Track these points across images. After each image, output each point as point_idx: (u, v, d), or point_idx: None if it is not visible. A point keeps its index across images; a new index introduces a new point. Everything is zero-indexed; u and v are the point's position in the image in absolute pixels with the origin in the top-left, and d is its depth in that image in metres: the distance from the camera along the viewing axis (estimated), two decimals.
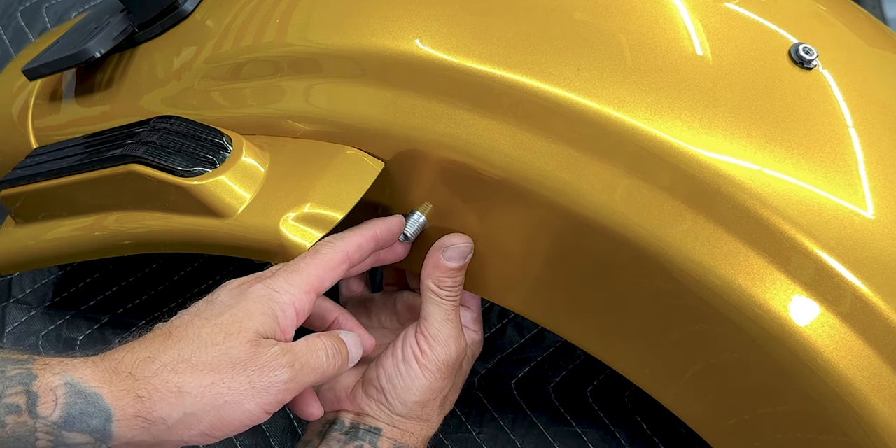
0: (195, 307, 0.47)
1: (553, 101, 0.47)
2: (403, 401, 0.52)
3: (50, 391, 0.41)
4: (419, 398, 0.53)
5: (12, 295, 0.70)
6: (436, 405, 0.54)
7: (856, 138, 0.48)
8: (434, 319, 0.53)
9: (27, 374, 0.42)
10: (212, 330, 0.45)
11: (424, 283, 0.53)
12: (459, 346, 0.53)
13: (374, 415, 0.53)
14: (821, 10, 0.53)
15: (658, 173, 0.47)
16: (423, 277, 0.53)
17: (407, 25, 0.49)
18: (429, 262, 0.53)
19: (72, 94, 0.63)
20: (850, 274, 0.46)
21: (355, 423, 0.53)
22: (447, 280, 0.53)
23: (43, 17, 0.85)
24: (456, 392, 0.57)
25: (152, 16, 0.58)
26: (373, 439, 0.53)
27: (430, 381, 0.52)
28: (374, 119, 0.50)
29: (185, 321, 0.46)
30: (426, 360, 0.52)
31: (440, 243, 0.53)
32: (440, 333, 0.53)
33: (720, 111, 0.47)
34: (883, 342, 0.46)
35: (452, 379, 0.54)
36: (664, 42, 0.48)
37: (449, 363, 0.53)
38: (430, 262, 0.53)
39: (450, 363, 0.53)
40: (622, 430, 0.65)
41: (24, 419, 0.41)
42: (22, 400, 0.41)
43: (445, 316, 0.53)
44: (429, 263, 0.53)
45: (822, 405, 0.47)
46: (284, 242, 0.48)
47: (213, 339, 0.44)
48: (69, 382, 0.42)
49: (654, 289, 0.49)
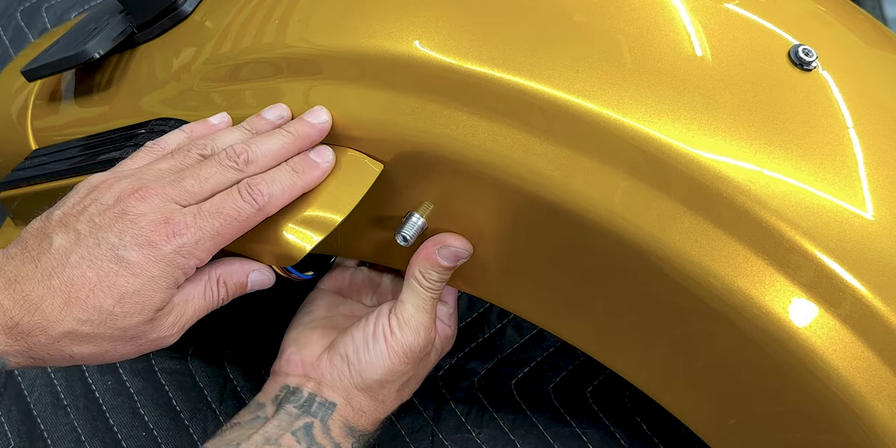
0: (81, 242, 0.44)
1: (552, 102, 0.47)
2: (364, 375, 0.54)
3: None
4: (379, 376, 0.54)
5: None
6: (394, 388, 0.55)
7: (855, 140, 0.48)
8: (410, 305, 0.54)
9: None
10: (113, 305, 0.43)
11: (411, 268, 0.53)
12: (429, 337, 0.54)
13: (332, 386, 0.54)
14: (820, 11, 0.53)
15: (657, 175, 0.47)
16: (411, 263, 0.54)
17: (406, 27, 0.49)
18: (422, 252, 0.53)
19: (71, 95, 0.63)
20: (850, 276, 0.46)
21: (313, 394, 0.54)
22: (433, 274, 0.53)
23: (43, 17, 0.85)
24: (417, 382, 0.57)
25: (151, 17, 0.58)
26: (325, 416, 0.53)
27: (394, 363, 0.53)
28: (374, 121, 0.50)
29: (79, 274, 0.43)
30: (394, 341, 0.53)
31: (440, 239, 0.53)
32: (412, 320, 0.53)
33: (719, 113, 0.47)
34: (882, 344, 0.46)
35: (415, 366, 0.55)
36: (663, 43, 0.48)
37: (416, 350, 0.54)
38: (423, 251, 0.53)
39: (416, 350, 0.54)
40: (622, 431, 0.65)
41: None
42: None
43: (422, 304, 0.54)
44: (422, 253, 0.53)
45: (822, 406, 0.47)
46: (284, 245, 0.48)
47: (113, 316, 0.44)
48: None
49: (653, 290, 0.49)
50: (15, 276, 0.44)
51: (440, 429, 0.65)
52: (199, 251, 0.45)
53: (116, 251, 0.43)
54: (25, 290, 0.43)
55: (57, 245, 0.44)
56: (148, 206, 0.44)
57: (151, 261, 0.44)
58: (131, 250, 0.43)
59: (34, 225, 0.46)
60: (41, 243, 0.44)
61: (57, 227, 0.45)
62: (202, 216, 0.45)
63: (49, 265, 0.44)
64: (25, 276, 0.44)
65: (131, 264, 0.43)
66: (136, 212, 0.44)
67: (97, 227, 0.44)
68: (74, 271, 0.43)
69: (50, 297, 0.43)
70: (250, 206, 0.46)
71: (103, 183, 0.46)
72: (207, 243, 0.45)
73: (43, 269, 0.44)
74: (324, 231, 0.49)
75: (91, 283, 0.43)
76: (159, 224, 0.44)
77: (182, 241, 0.44)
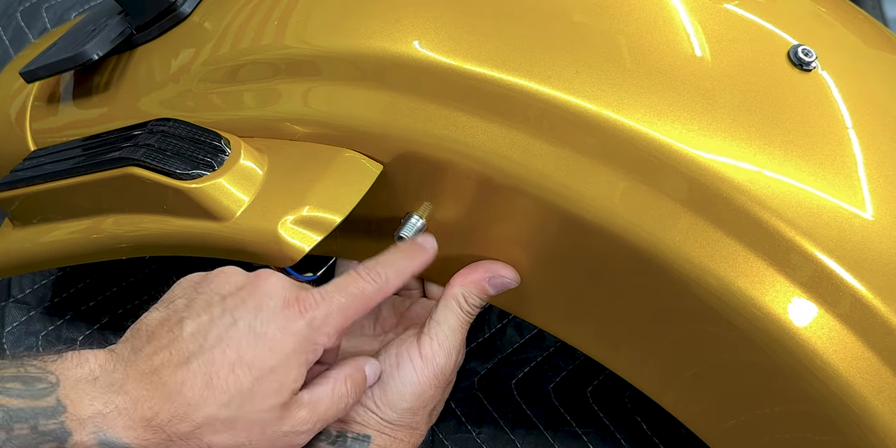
0: (216, 322, 0.45)
1: (551, 103, 0.47)
2: (394, 407, 0.52)
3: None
4: (410, 405, 0.52)
5: (12, 295, 0.70)
6: (425, 414, 0.53)
7: (855, 140, 0.48)
8: (447, 326, 0.53)
9: (61, 430, 0.42)
10: (252, 385, 0.44)
11: (452, 290, 0.53)
12: (459, 360, 0.53)
13: (362, 422, 0.52)
14: (820, 12, 0.53)
15: (657, 175, 0.47)
16: (453, 284, 0.53)
17: (405, 28, 0.49)
18: (469, 276, 0.53)
19: (70, 96, 0.63)
20: (850, 275, 0.46)
21: (342, 431, 0.52)
22: (476, 299, 0.53)
23: (43, 17, 0.85)
24: (441, 405, 0.56)
25: (150, 18, 0.58)
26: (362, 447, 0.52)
27: (425, 388, 0.52)
28: (373, 122, 0.50)
29: (219, 354, 0.44)
30: (425, 364, 0.52)
31: (492, 267, 0.53)
32: (447, 341, 0.52)
33: (719, 113, 0.47)
34: (882, 344, 0.46)
35: (445, 390, 0.54)
36: (663, 44, 0.48)
37: (447, 373, 0.53)
38: (471, 276, 0.53)
39: (447, 373, 0.53)
40: (622, 431, 0.65)
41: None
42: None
43: (459, 326, 0.53)
44: (469, 277, 0.53)
45: (821, 406, 0.47)
46: (283, 245, 0.48)
47: (253, 396, 0.44)
48: (103, 441, 0.42)
49: (653, 290, 0.49)
50: (150, 367, 0.44)
51: (440, 428, 0.65)
52: (327, 326, 0.46)
53: (253, 328, 0.45)
54: (163, 378, 0.43)
55: (190, 330, 0.45)
56: (276, 285, 0.46)
57: (287, 335, 0.45)
58: (267, 326, 0.45)
59: (153, 316, 0.47)
60: (171, 332, 0.45)
61: (184, 314, 0.46)
62: (328, 293, 0.47)
63: (185, 350, 0.44)
64: (160, 364, 0.44)
65: (268, 339, 0.44)
66: (268, 290, 0.46)
67: (230, 307, 0.45)
68: (214, 351, 0.44)
69: (191, 379, 0.43)
70: (371, 284, 0.48)
71: (221, 272, 0.48)
72: (336, 318, 0.46)
73: (179, 354, 0.44)
74: (323, 231, 0.49)
75: (230, 361, 0.44)
76: (291, 300, 0.46)
77: (313, 314, 0.46)
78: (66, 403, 0.43)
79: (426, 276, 0.58)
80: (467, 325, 0.54)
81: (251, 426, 0.44)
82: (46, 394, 0.43)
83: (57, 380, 0.43)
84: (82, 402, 0.43)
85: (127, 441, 0.43)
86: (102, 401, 0.43)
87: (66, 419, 0.42)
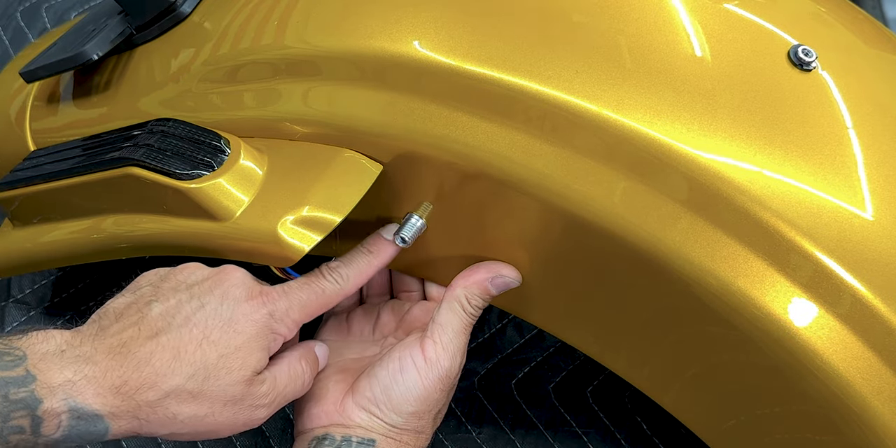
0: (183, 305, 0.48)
1: (551, 103, 0.47)
2: (399, 411, 0.51)
3: (55, 416, 0.43)
4: (415, 409, 0.52)
5: (11, 295, 0.70)
6: (430, 417, 0.53)
7: (855, 140, 0.48)
8: (451, 329, 0.52)
9: (31, 398, 0.43)
10: (217, 361, 0.46)
11: (455, 292, 0.53)
12: (462, 362, 0.53)
13: (366, 426, 0.52)
14: (820, 12, 0.53)
15: (657, 175, 0.47)
16: (455, 285, 0.53)
17: (405, 28, 0.49)
18: (471, 278, 0.53)
19: (69, 96, 0.63)
20: (850, 275, 0.46)
21: (347, 436, 0.52)
22: (479, 300, 0.53)
23: (43, 17, 0.85)
24: (446, 408, 0.56)
25: (150, 18, 0.58)
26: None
27: (429, 391, 0.52)
28: (373, 122, 0.50)
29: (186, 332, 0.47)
30: (430, 368, 0.51)
31: (494, 268, 0.53)
32: (451, 343, 0.52)
33: (719, 113, 0.47)
34: (882, 344, 0.46)
35: (449, 393, 0.54)
36: (663, 44, 0.48)
37: (451, 376, 0.52)
38: (473, 277, 0.53)
39: (451, 376, 0.52)
40: (622, 431, 0.65)
41: (27, 437, 0.43)
42: (27, 422, 0.43)
43: (462, 328, 0.53)
44: (471, 278, 0.53)
45: (821, 406, 0.47)
46: (282, 245, 0.48)
47: (217, 371, 0.46)
48: (73, 408, 0.44)
49: (653, 291, 0.49)
50: (118, 341, 0.46)
51: (440, 428, 0.65)
52: (288, 319, 0.49)
53: (219, 312, 0.47)
54: (132, 350, 0.45)
55: (158, 311, 0.47)
56: (242, 278, 0.49)
57: (250, 322, 0.48)
58: (232, 311, 0.48)
59: (119, 301, 0.49)
60: (139, 311, 0.47)
61: (152, 298, 0.48)
62: (291, 289, 0.50)
63: (154, 327, 0.46)
64: (129, 338, 0.46)
65: (233, 322, 0.47)
66: (233, 282, 0.49)
67: (197, 294, 0.48)
68: (181, 330, 0.46)
69: (160, 352, 0.45)
70: (332, 284, 0.51)
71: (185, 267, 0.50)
72: (296, 312, 0.49)
73: (148, 331, 0.46)
74: (323, 231, 0.49)
75: (197, 339, 0.46)
76: (255, 292, 0.49)
77: (274, 306, 0.49)
78: (35, 373, 0.43)
79: (427, 277, 0.58)
80: (470, 327, 0.53)
81: (215, 399, 0.46)
82: (15, 365, 0.43)
83: (24, 354, 0.44)
84: (51, 371, 0.44)
85: (97, 407, 0.44)
86: (72, 369, 0.44)
87: (36, 387, 0.43)
